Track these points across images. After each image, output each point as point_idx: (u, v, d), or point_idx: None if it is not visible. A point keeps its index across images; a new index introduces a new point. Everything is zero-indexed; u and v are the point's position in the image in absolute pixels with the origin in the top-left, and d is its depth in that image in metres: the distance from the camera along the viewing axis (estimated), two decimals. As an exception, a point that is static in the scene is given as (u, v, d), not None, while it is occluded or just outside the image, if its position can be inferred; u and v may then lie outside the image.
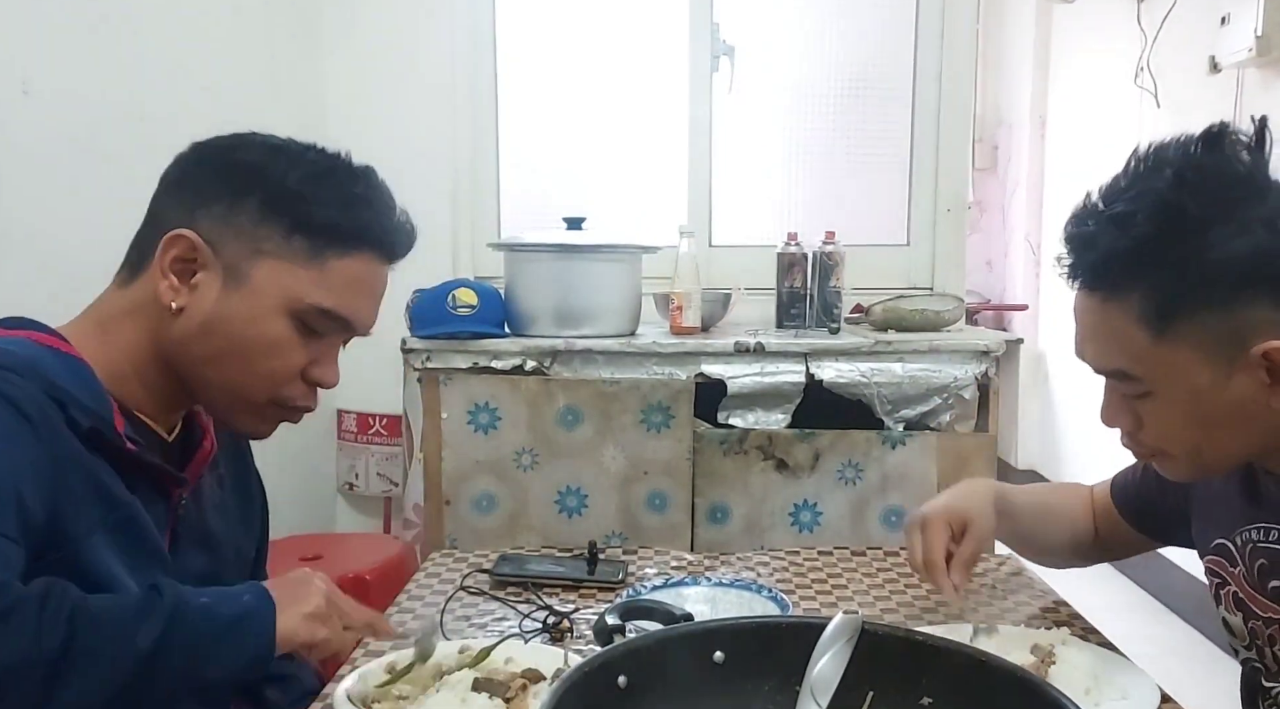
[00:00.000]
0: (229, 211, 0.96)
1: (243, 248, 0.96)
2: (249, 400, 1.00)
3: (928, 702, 0.81)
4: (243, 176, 0.97)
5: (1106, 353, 0.97)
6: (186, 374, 0.99)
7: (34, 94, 1.60)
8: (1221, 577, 1.09)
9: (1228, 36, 3.11)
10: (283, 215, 0.96)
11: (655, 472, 1.90)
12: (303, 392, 1.02)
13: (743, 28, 2.55)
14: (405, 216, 1.06)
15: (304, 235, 0.97)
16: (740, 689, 0.83)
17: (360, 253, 1.00)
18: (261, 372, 0.99)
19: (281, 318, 0.97)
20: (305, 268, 0.97)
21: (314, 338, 1.00)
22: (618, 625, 0.98)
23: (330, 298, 0.99)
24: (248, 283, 0.96)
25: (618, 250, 2.06)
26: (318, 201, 0.97)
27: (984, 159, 5.39)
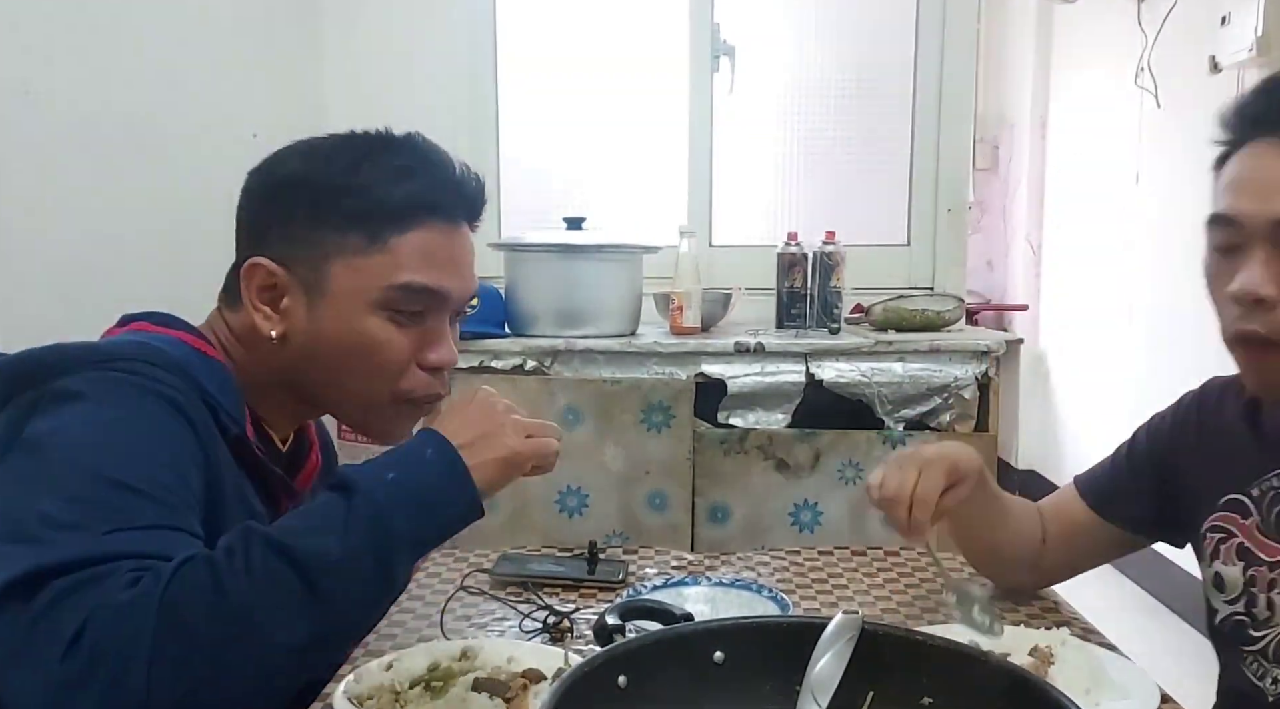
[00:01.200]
0: (286, 228, 0.95)
1: (311, 259, 0.95)
2: (374, 404, 0.98)
3: (928, 702, 0.81)
4: (286, 190, 0.96)
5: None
6: (313, 396, 0.99)
7: (35, 94, 1.60)
8: (1226, 531, 1.10)
9: (1228, 36, 3.11)
10: (333, 213, 0.94)
11: (656, 471, 1.90)
12: (423, 381, 1.00)
13: (743, 28, 2.55)
14: (465, 171, 1.02)
15: (357, 226, 0.94)
16: (740, 689, 0.83)
17: (421, 223, 0.96)
18: (374, 372, 0.96)
19: (370, 314, 0.95)
20: (370, 256, 0.94)
21: (415, 323, 0.97)
22: (618, 625, 0.98)
23: (405, 273, 0.95)
24: (328, 291, 0.95)
25: (618, 250, 2.06)
26: (360, 187, 0.94)
27: (985, 159, 5.39)
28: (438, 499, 0.83)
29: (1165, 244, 3.68)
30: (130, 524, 0.75)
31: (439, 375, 1.01)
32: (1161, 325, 3.66)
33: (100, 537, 0.73)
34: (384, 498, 0.79)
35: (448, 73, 2.54)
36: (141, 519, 0.76)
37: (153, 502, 0.77)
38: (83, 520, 0.74)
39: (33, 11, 1.59)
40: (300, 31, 2.52)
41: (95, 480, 0.76)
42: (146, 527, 0.75)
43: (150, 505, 0.77)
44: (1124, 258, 4.05)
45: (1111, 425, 4.13)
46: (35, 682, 0.67)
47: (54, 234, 1.63)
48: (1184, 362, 3.63)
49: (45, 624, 0.68)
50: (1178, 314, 3.49)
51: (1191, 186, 3.82)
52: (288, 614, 0.73)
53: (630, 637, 0.91)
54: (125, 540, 0.73)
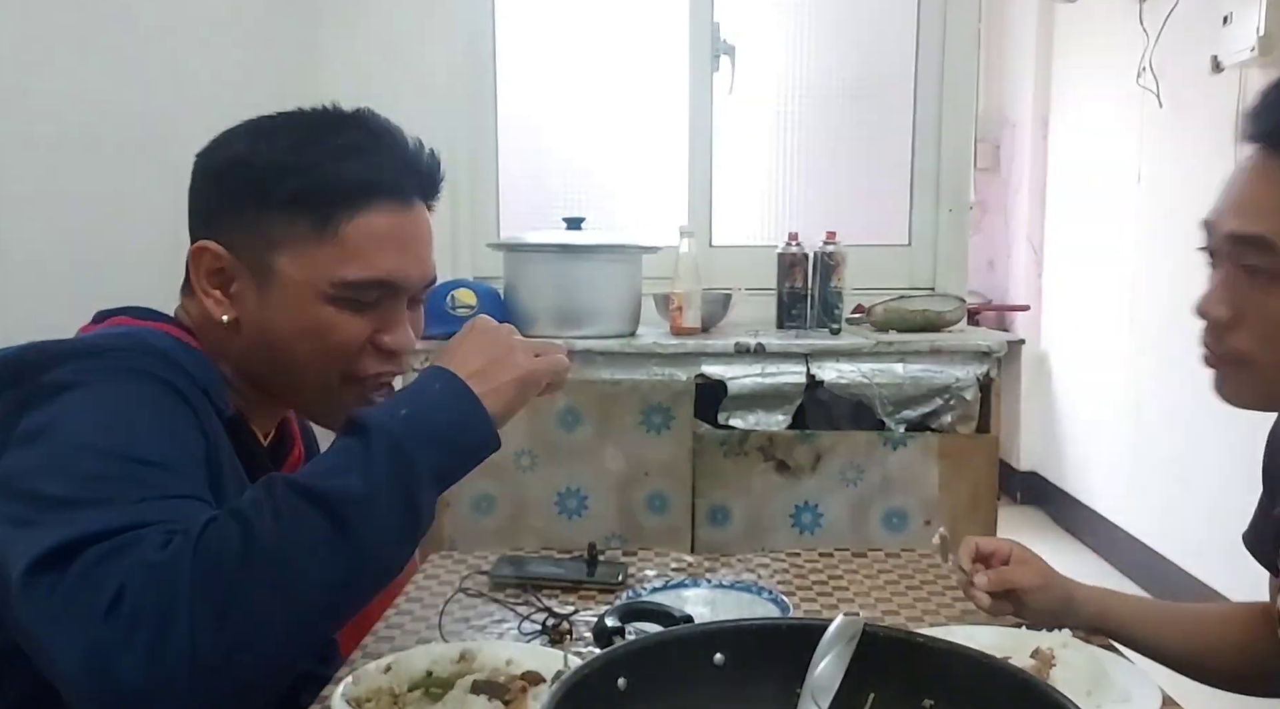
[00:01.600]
0: (233, 212, 0.92)
1: (257, 244, 0.91)
2: (330, 390, 0.95)
3: (929, 704, 0.80)
4: (230, 172, 0.93)
5: (1255, 217, 0.89)
6: (269, 384, 0.97)
7: (33, 94, 1.59)
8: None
9: (1230, 36, 3.10)
10: (277, 196, 0.90)
11: (655, 473, 1.90)
12: (378, 364, 0.96)
13: (743, 27, 2.55)
14: (419, 147, 0.96)
15: (306, 210, 0.89)
16: (740, 691, 0.82)
17: (372, 205, 0.91)
18: (328, 361, 0.94)
19: (321, 306, 0.91)
20: (320, 245, 0.90)
21: (368, 309, 0.93)
22: (617, 627, 0.98)
23: (357, 267, 0.91)
24: (276, 278, 0.91)
25: (618, 250, 2.06)
26: (304, 168, 0.90)
27: (986, 159, 5.39)
28: (453, 429, 0.82)
29: (1167, 244, 3.67)
30: (157, 493, 0.75)
31: (394, 359, 0.98)
32: (1163, 326, 3.65)
33: (128, 507, 0.72)
34: (400, 432, 0.78)
35: (447, 72, 2.54)
36: (167, 489, 0.75)
37: (171, 472, 0.77)
38: (106, 495, 0.73)
39: (31, 11, 1.59)
40: (299, 31, 2.52)
41: (110, 457, 0.76)
42: (172, 496, 0.75)
43: (170, 476, 0.77)
44: (1126, 258, 4.05)
45: (1113, 427, 4.13)
46: (78, 645, 0.66)
47: (52, 234, 1.63)
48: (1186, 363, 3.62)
49: (84, 587, 0.67)
50: (1180, 315, 3.48)
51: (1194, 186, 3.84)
52: (320, 554, 0.73)
53: (630, 639, 0.90)
54: (154, 509, 0.73)
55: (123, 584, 0.67)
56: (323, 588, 0.73)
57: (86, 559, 0.68)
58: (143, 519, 0.71)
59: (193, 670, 0.66)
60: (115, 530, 0.70)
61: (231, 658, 0.68)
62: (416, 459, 0.78)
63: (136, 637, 0.66)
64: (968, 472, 1.87)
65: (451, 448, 0.82)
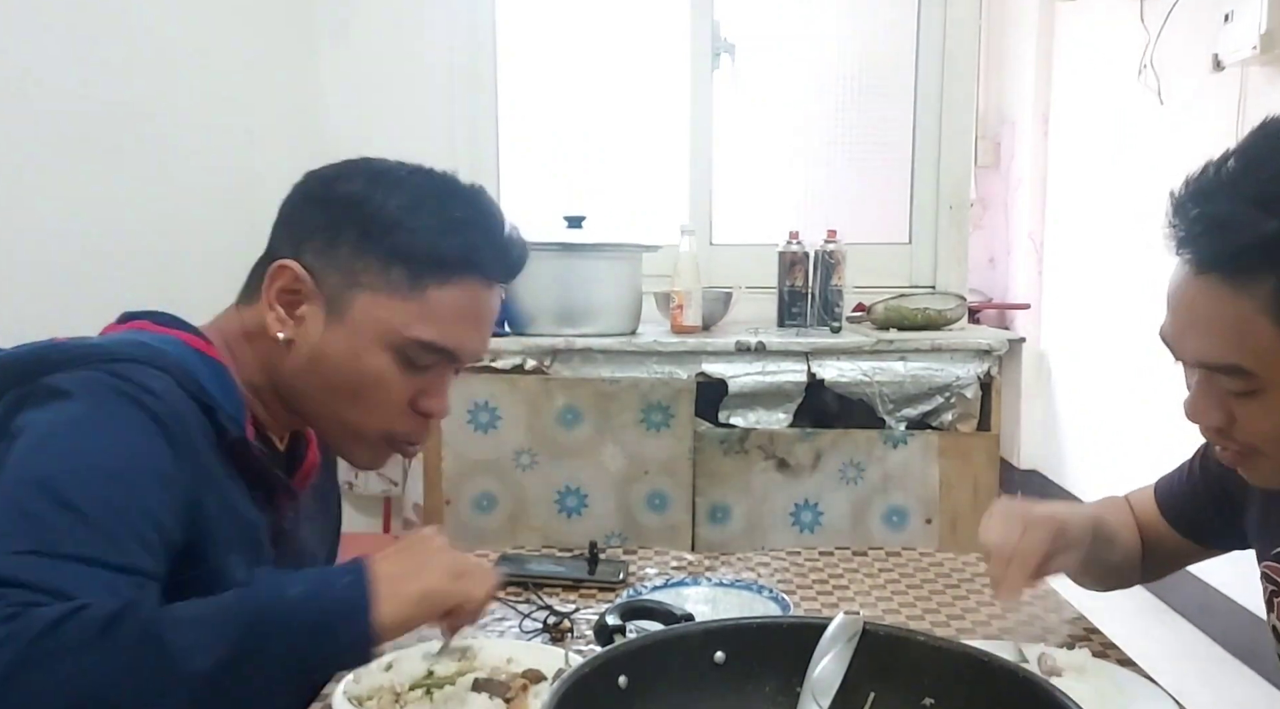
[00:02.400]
0: (329, 244, 0.95)
1: (342, 280, 0.94)
2: (360, 433, 0.98)
3: (929, 702, 0.80)
4: (342, 207, 0.96)
5: (1218, 345, 0.85)
6: (300, 406, 0.98)
7: (32, 92, 1.59)
8: (1277, 584, 1.04)
9: (1231, 34, 3.10)
10: (379, 246, 0.93)
11: (655, 471, 1.90)
12: (413, 425, 0.99)
13: (743, 25, 2.55)
14: (515, 233, 1.01)
15: (402, 265, 0.93)
16: (741, 690, 0.82)
17: (462, 279, 0.96)
18: (367, 406, 0.96)
19: (381, 352, 0.94)
20: (404, 300, 0.94)
21: (419, 370, 0.97)
22: (618, 625, 0.98)
23: (431, 331, 0.95)
24: (348, 316, 0.94)
25: (618, 249, 2.06)
26: (414, 229, 0.94)
27: (986, 156, 5.39)
28: (327, 632, 0.79)
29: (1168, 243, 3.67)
30: (49, 549, 0.74)
31: (426, 423, 1.01)
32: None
33: (8, 555, 0.72)
34: (271, 615, 0.77)
35: (448, 71, 2.54)
36: (64, 546, 0.74)
37: (87, 527, 0.75)
38: (4, 530, 0.73)
39: (31, 8, 1.59)
40: (298, 30, 2.52)
41: (40, 490, 0.75)
42: (64, 556, 0.74)
43: (83, 531, 0.75)
44: (1127, 256, 4.05)
45: (1114, 425, 4.13)
46: None
47: (50, 230, 1.63)
48: (1186, 360, 3.62)
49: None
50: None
51: (1194, 184, 3.79)
52: (142, 700, 0.72)
53: (631, 637, 0.90)
54: (32, 566, 0.72)
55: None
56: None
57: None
58: (12, 575, 0.71)
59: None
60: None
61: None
62: (270, 649, 0.76)
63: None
64: (968, 470, 1.87)
65: (316, 648, 0.79)
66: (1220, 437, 0.93)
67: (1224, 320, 0.84)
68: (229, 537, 0.87)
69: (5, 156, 1.54)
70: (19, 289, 1.53)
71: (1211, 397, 0.90)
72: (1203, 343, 0.87)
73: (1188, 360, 0.90)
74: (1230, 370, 0.86)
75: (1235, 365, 0.85)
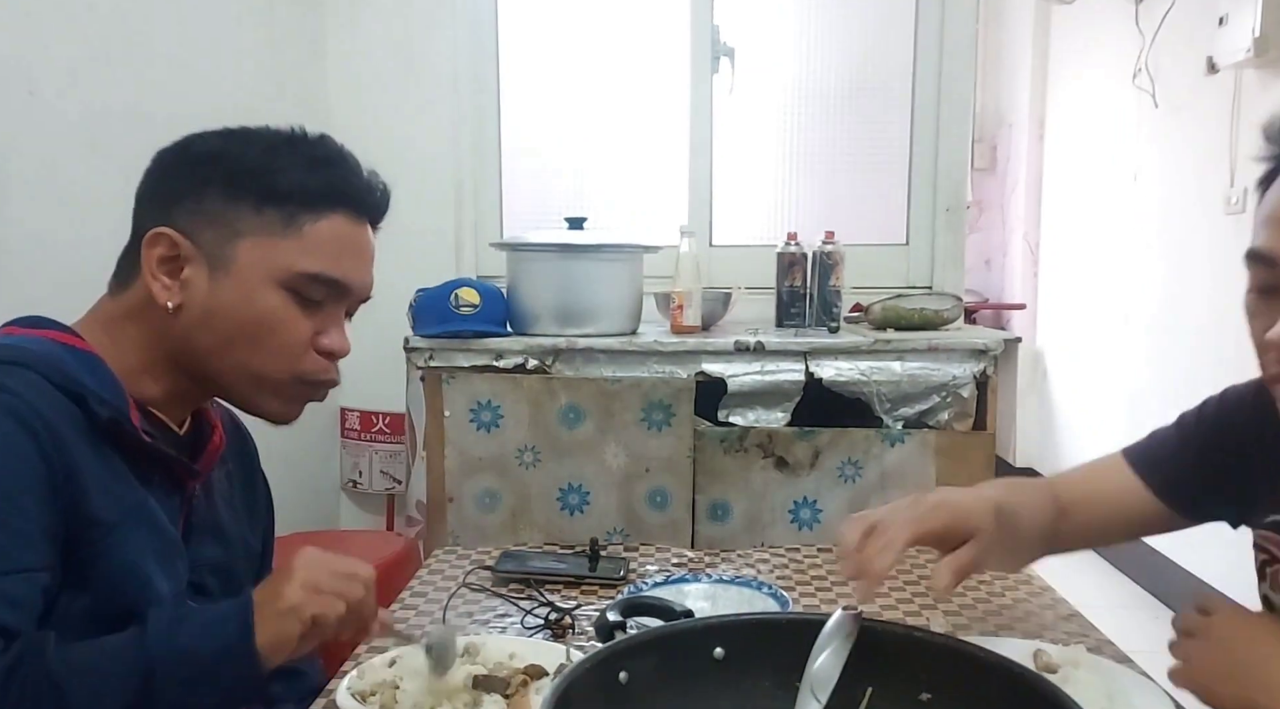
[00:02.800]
0: (198, 202, 0.96)
1: (219, 233, 0.96)
2: (271, 380, 0.99)
3: (926, 697, 0.82)
4: (202, 166, 0.98)
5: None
6: (201, 369, 0.99)
7: (38, 95, 1.61)
8: (1271, 554, 1.03)
9: (1226, 37, 3.12)
10: (248, 192, 0.96)
11: (656, 469, 1.91)
12: (320, 365, 1.01)
13: (743, 29, 2.56)
14: (375, 176, 1.05)
15: (273, 206, 0.96)
16: (740, 685, 0.84)
17: (334, 212, 0.99)
18: (272, 349, 0.98)
19: (273, 292, 0.97)
20: (283, 238, 0.97)
21: (314, 309, 0.99)
22: (618, 622, 1.00)
23: (315, 263, 0.98)
24: (233, 266, 0.96)
25: (619, 250, 2.07)
26: (278, 170, 0.97)
27: (983, 159, 5.41)
28: (218, 676, 0.84)
29: (1163, 243, 3.69)
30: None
31: (332, 363, 1.03)
32: (1158, 324, 3.67)
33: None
34: (163, 663, 0.81)
35: (450, 72, 2.55)
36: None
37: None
38: None
39: (37, 10, 1.60)
40: (303, 31, 2.53)
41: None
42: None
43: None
44: (1121, 257, 4.07)
45: (1109, 423, 4.15)
46: None
47: (57, 231, 1.64)
48: (1181, 360, 3.64)
49: None
50: (1175, 313, 3.50)
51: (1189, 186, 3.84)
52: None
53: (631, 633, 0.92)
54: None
55: None
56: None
57: None
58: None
59: None
60: None
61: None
62: (161, 694, 0.81)
63: None
64: (965, 468, 1.89)
65: (207, 694, 0.84)
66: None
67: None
68: (112, 516, 0.88)
69: (12, 160, 1.55)
70: (27, 290, 1.54)
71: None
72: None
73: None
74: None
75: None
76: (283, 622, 0.86)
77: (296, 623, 0.87)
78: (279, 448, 1.25)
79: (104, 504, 0.88)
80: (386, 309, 2.37)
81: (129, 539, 0.90)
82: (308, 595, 0.88)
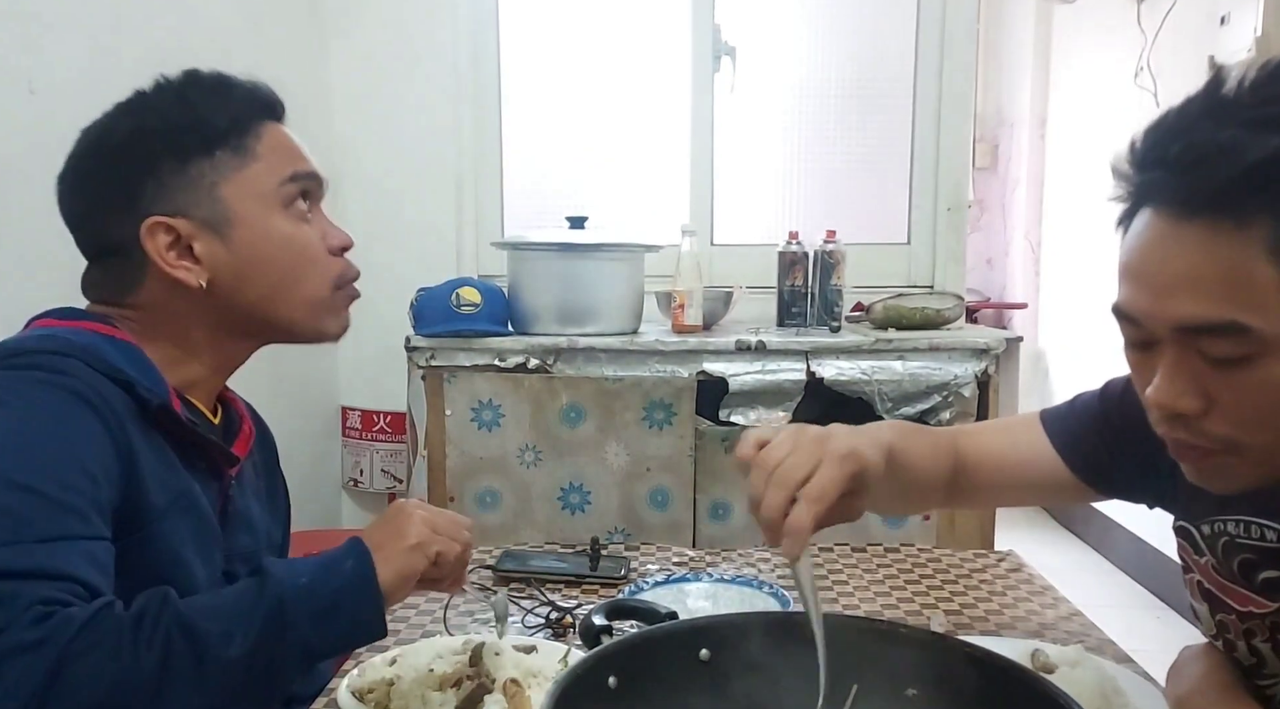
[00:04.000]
0: (158, 182, 0.96)
1: (198, 196, 0.96)
2: (321, 300, 1.02)
3: (912, 692, 0.82)
4: (137, 146, 0.97)
5: (1212, 301, 0.72)
6: (259, 321, 1.00)
7: (39, 93, 1.61)
8: (1185, 562, 0.97)
9: (1227, 36, 3.12)
10: (193, 147, 0.97)
11: (657, 468, 1.91)
12: (343, 264, 1.04)
13: (744, 28, 2.56)
14: (253, 77, 1.07)
15: (220, 146, 0.98)
16: (728, 686, 0.83)
17: (262, 123, 1.02)
18: (308, 270, 1.01)
19: (278, 216, 0.99)
20: (249, 165, 0.98)
21: (308, 215, 1.02)
22: (605, 626, 0.99)
23: (285, 166, 1.00)
24: (231, 216, 0.97)
25: (620, 249, 2.07)
26: (202, 116, 0.98)
27: (984, 158, 5.40)
28: (342, 610, 0.84)
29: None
30: (25, 536, 0.76)
31: (346, 258, 1.06)
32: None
33: (3, 549, 0.74)
34: (290, 601, 0.81)
35: (451, 72, 2.55)
36: (38, 529, 0.77)
37: (53, 506, 0.78)
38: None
39: (36, 8, 1.61)
40: (305, 31, 2.53)
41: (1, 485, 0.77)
42: (43, 539, 0.76)
43: (50, 511, 0.78)
44: (1123, 257, 4.06)
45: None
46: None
47: (57, 232, 1.64)
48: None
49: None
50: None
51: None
52: (181, 690, 0.75)
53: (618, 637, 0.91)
54: (17, 554, 0.74)
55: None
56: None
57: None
58: (16, 565, 0.73)
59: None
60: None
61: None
62: (291, 635, 0.81)
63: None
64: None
65: (334, 629, 0.84)
66: (1189, 430, 0.78)
67: (1218, 270, 0.72)
68: (162, 502, 0.89)
69: (13, 159, 1.55)
70: (27, 290, 1.54)
71: (1188, 375, 0.76)
72: (1188, 303, 0.73)
73: (1166, 329, 0.75)
74: (1226, 330, 0.72)
75: (1232, 322, 0.72)
76: (410, 556, 0.89)
77: (423, 558, 0.90)
78: (280, 447, 1.25)
79: (156, 489, 0.89)
80: (388, 308, 2.39)
81: (175, 526, 0.90)
82: (430, 533, 0.91)
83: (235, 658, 0.77)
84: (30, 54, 1.58)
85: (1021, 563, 1.52)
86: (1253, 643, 0.91)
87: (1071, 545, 4.29)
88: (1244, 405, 0.74)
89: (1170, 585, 3.58)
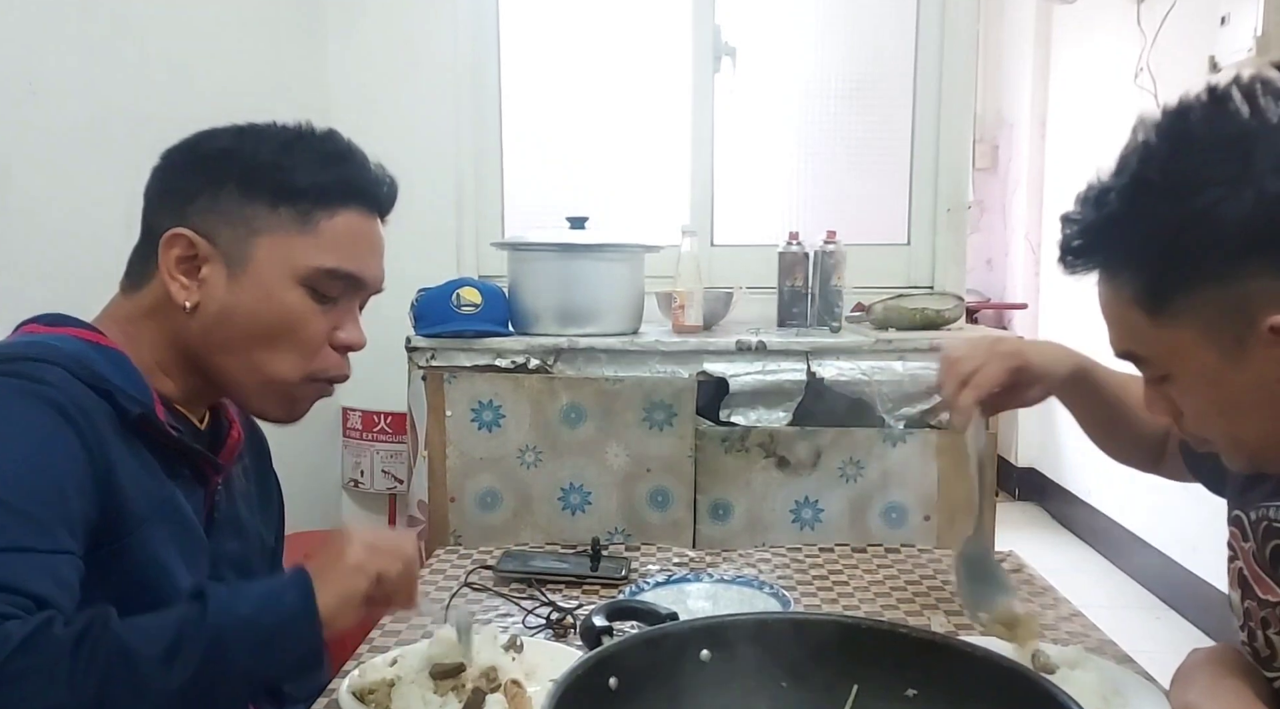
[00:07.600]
0: (213, 201, 0.97)
1: (236, 232, 0.96)
2: (283, 382, 1.00)
3: (912, 693, 0.82)
4: (216, 165, 0.98)
5: (1116, 334, 0.91)
6: (214, 368, 0.99)
7: (40, 93, 1.61)
8: (1233, 550, 1.01)
9: (1227, 36, 3.12)
10: (263, 190, 0.97)
11: (658, 469, 1.91)
12: (334, 361, 1.02)
13: (745, 29, 2.57)
14: (382, 169, 1.06)
15: (288, 203, 0.97)
16: (728, 686, 0.84)
17: (347, 208, 1.00)
18: (289, 348, 0.99)
19: (292, 289, 0.97)
20: (300, 235, 0.97)
21: (329, 305, 1.00)
22: (605, 627, 0.99)
23: (332, 257, 0.98)
24: (250, 264, 0.96)
25: (620, 249, 2.08)
26: (292, 167, 0.98)
27: (984, 159, 5.40)
28: (281, 643, 0.84)
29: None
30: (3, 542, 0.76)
31: (345, 358, 1.04)
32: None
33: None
34: (230, 630, 0.81)
35: (451, 72, 2.55)
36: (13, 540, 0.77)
37: (12, 516, 0.78)
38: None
39: (38, 10, 1.61)
40: (304, 31, 2.54)
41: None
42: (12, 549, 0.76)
43: (12, 522, 0.77)
44: (1124, 257, 4.06)
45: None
46: None
47: (59, 233, 1.64)
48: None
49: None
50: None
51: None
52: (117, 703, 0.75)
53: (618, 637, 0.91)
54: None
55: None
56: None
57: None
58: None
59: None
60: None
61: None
62: (230, 665, 0.80)
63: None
64: (966, 468, 1.89)
65: (272, 661, 0.83)
66: (1182, 430, 0.94)
67: (1113, 313, 0.90)
68: (143, 510, 0.89)
69: (14, 161, 1.55)
70: (29, 291, 1.54)
71: (1154, 395, 0.93)
72: (1112, 337, 0.92)
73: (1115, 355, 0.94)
74: (1132, 358, 0.91)
75: (1132, 353, 0.90)
76: (351, 578, 0.88)
77: (363, 578, 0.88)
78: (280, 447, 1.25)
79: (137, 497, 0.89)
80: (388, 308, 2.37)
81: (156, 534, 0.90)
82: (368, 554, 0.89)
83: (173, 688, 0.77)
84: (30, 54, 1.58)
85: (1022, 563, 1.52)
86: (1267, 633, 0.94)
87: (1071, 545, 4.29)
88: (1189, 410, 0.90)
89: (1171, 586, 3.58)
